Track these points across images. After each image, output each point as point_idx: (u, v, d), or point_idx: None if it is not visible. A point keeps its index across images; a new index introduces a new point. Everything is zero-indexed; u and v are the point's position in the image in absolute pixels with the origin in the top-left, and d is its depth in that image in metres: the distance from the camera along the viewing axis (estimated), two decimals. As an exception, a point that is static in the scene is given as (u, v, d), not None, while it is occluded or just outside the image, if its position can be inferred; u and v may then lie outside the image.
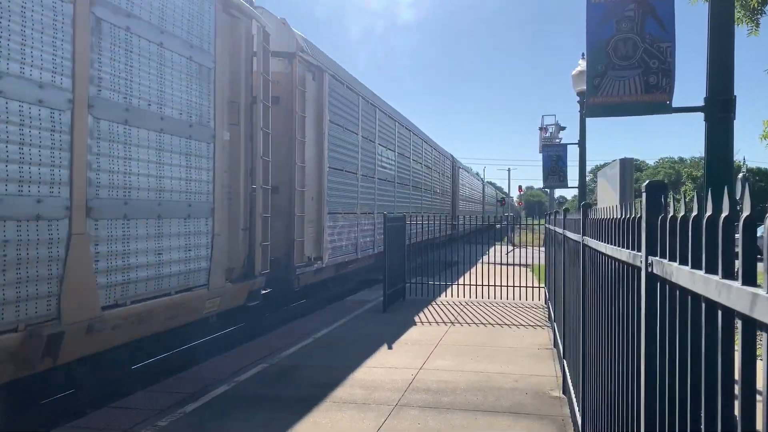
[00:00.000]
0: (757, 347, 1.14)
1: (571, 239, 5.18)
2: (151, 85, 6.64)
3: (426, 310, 11.51)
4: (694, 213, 1.55)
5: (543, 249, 12.76)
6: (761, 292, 1.02)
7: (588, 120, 13.95)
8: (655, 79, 6.04)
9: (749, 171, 37.81)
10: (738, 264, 1.17)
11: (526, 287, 13.10)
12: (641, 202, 2.07)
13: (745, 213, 1.16)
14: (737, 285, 1.14)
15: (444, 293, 13.39)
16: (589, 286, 3.86)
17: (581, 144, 15.37)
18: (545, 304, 11.64)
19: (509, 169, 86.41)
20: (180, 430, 5.20)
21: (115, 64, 6.08)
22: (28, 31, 5.01)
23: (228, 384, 6.53)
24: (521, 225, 34.06)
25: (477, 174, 49.69)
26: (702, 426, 1.42)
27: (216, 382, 6.61)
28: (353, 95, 14.50)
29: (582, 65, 13.35)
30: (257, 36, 9.18)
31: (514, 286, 13.07)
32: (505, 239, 30.02)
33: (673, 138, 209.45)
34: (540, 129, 28.18)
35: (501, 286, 12.93)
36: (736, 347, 1.18)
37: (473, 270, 16.20)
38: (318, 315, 11.22)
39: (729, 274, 1.26)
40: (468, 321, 10.35)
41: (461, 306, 12.02)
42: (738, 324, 1.16)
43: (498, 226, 42.02)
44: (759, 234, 1.20)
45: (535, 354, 7.97)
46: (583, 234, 4.13)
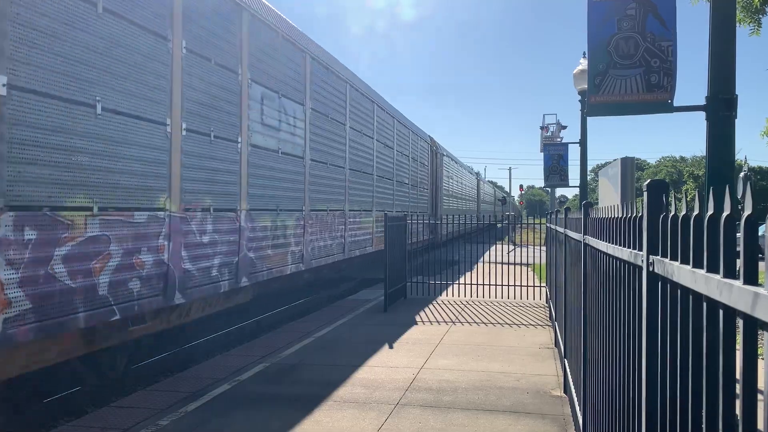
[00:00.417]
0: (759, 346, 1.14)
1: (573, 238, 5.18)
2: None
3: (427, 309, 11.51)
4: (695, 212, 1.54)
5: (544, 248, 12.75)
6: (763, 291, 1.02)
7: (589, 119, 13.94)
8: (657, 78, 6.03)
9: (751, 170, 37.73)
10: (739, 263, 1.16)
11: (527, 286, 13.09)
12: (642, 201, 2.07)
13: (747, 212, 1.16)
14: (738, 284, 1.14)
15: (445, 292, 13.40)
16: (591, 285, 3.85)
17: (582, 143, 15.37)
18: (546, 303, 11.64)
19: (510, 168, 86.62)
20: (181, 429, 5.20)
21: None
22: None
23: (229, 383, 6.53)
24: (522, 224, 33.86)
25: (473, 170, 43.81)
26: (703, 425, 1.42)
27: (217, 381, 6.61)
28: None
29: (583, 64, 13.34)
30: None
31: (515, 285, 13.07)
32: (506, 238, 30.00)
33: (675, 137, 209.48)
34: (541, 128, 28.20)
35: (502, 285, 12.93)
36: (737, 346, 1.18)
37: (474, 269, 16.20)
38: (319, 314, 11.23)
39: (730, 273, 1.25)
40: (469, 320, 10.36)
41: (462, 305, 12.02)
42: (739, 323, 1.16)
43: (499, 225, 41.68)
44: (760, 233, 1.19)
45: (537, 353, 7.97)
46: (585, 233, 4.13)
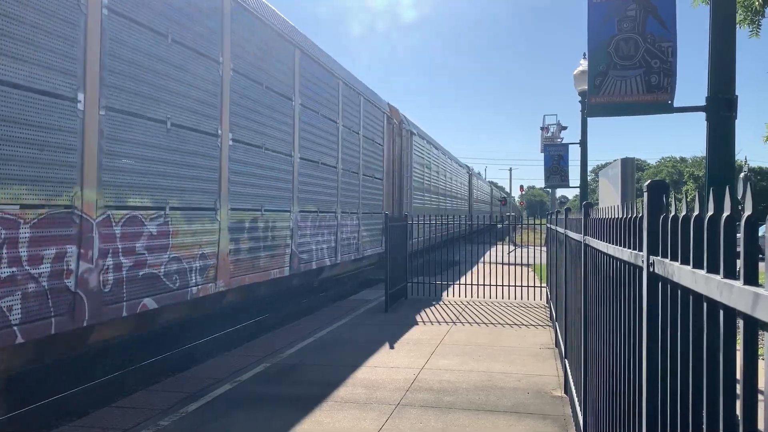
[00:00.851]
0: (759, 347, 1.14)
1: (573, 239, 5.18)
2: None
3: (428, 309, 11.51)
4: (695, 213, 1.54)
5: (545, 248, 12.75)
6: (763, 291, 1.02)
7: (590, 119, 13.95)
8: (657, 79, 6.03)
9: (751, 170, 37.71)
10: (739, 263, 1.17)
11: (527, 287, 13.09)
12: (643, 201, 2.07)
13: (747, 212, 1.16)
14: (739, 284, 1.14)
15: (446, 293, 13.40)
16: (591, 285, 3.86)
17: (583, 143, 15.37)
18: (547, 303, 11.65)
19: (511, 169, 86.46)
20: (182, 429, 5.20)
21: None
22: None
23: (230, 383, 6.53)
24: (522, 225, 33.74)
25: (467, 166, 39.93)
26: (704, 426, 1.42)
27: (218, 381, 6.62)
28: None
29: (583, 65, 13.35)
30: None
31: (515, 285, 13.07)
32: (507, 239, 29.97)
33: (675, 137, 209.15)
34: (541, 128, 28.17)
35: (503, 285, 12.93)
36: (737, 347, 1.19)
37: (475, 269, 16.20)
38: (320, 314, 11.23)
39: (731, 273, 1.26)
40: (470, 320, 10.36)
41: (463, 305, 12.02)
42: (739, 324, 1.16)
43: (500, 226, 41.41)
44: (760, 233, 1.19)
45: (537, 353, 7.97)
46: (585, 234, 4.13)
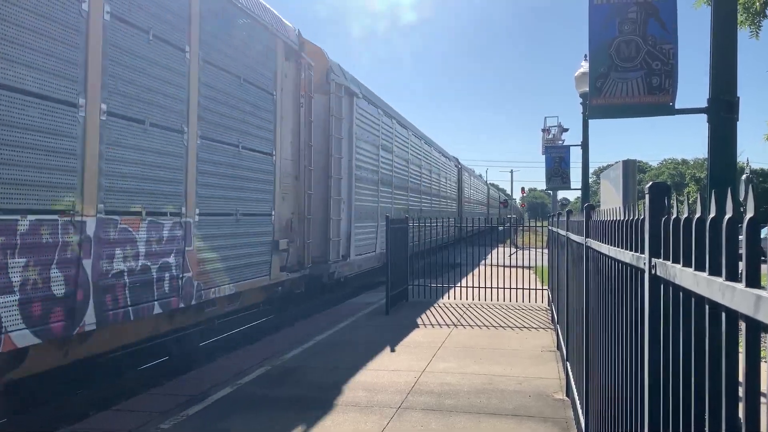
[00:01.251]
0: (762, 349, 1.13)
1: (574, 241, 5.17)
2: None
3: (429, 312, 11.50)
4: (697, 215, 1.54)
5: (546, 250, 12.74)
6: (765, 294, 1.02)
7: (591, 121, 13.95)
8: (658, 81, 6.03)
9: (753, 172, 37.67)
10: (741, 266, 1.16)
11: (529, 289, 13.05)
12: (644, 203, 2.07)
13: (749, 214, 1.16)
14: (741, 287, 1.14)
15: (447, 295, 13.37)
16: (592, 288, 3.85)
17: (584, 145, 15.37)
18: (548, 306, 11.63)
19: (512, 171, 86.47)
20: (183, 432, 5.20)
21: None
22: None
23: (231, 386, 6.53)
24: (524, 226, 33.66)
25: (456, 158, 34.76)
26: (706, 429, 1.42)
27: (219, 384, 6.61)
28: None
29: (585, 67, 13.34)
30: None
31: (517, 288, 13.04)
32: (508, 241, 29.93)
33: (677, 139, 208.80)
34: (543, 130, 28.15)
35: (504, 288, 12.91)
36: (740, 350, 1.18)
37: (476, 272, 16.17)
38: (321, 317, 11.22)
39: (733, 276, 1.25)
40: (471, 323, 10.34)
41: (464, 308, 12.00)
42: (742, 326, 1.15)
43: (501, 228, 41.26)
44: (763, 236, 1.19)
45: (539, 356, 7.95)
46: (587, 236, 4.13)
